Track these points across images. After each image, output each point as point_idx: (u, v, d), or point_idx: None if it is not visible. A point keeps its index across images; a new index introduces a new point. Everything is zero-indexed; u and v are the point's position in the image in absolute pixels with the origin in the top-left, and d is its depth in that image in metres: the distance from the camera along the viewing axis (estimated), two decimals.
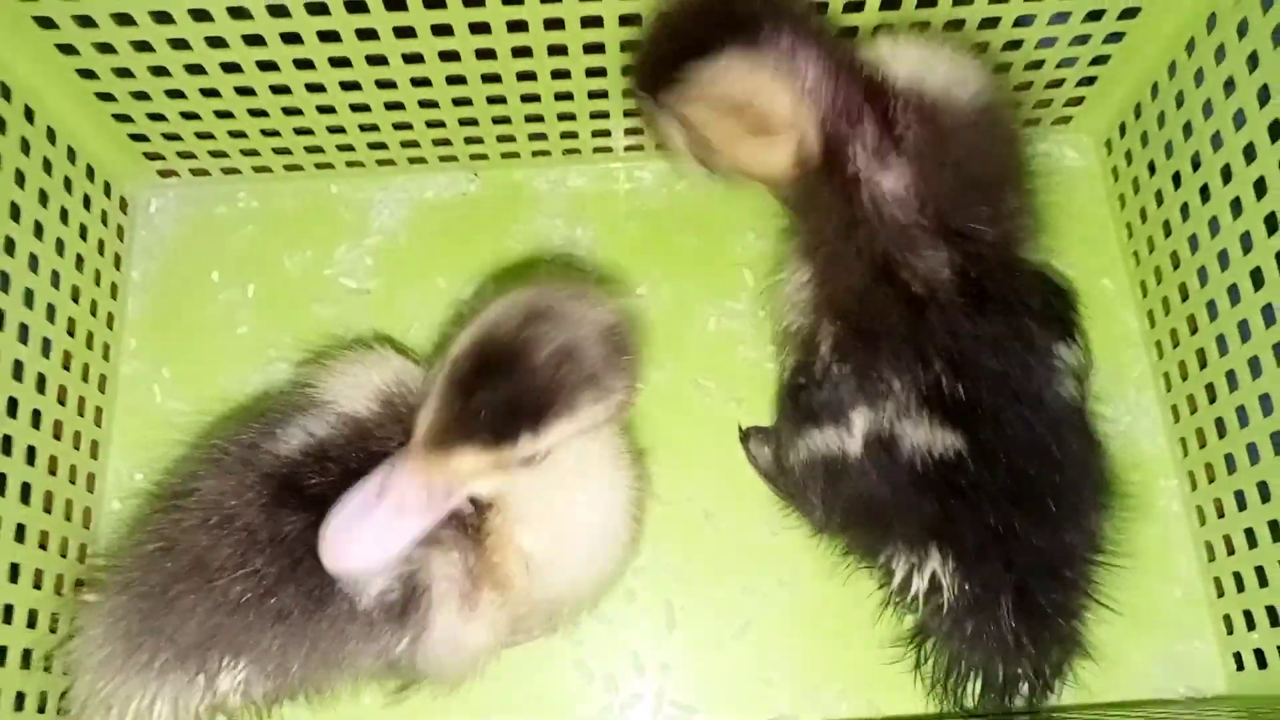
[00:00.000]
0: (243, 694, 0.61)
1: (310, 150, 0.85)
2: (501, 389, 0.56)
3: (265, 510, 0.61)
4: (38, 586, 0.71)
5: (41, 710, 0.70)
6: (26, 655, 0.69)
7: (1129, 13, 0.76)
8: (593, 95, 0.80)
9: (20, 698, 0.68)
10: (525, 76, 0.77)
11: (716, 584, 0.77)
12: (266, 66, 0.74)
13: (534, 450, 0.58)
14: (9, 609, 0.68)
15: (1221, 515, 0.75)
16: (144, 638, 0.61)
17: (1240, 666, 0.74)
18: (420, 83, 0.77)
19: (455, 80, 0.77)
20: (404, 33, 0.72)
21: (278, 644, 0.60)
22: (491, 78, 0.77)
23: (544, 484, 0.61)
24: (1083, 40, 0.79)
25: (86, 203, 0.81)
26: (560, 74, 0.77)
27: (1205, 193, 0.74)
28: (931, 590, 0.68)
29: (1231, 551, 0.74)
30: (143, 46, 0.72)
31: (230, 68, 0.74)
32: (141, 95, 0.77)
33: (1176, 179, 0.78)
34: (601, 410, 0.60)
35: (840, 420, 0.67)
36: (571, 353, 0.58)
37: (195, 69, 0.74)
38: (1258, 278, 0.69)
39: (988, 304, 0.66)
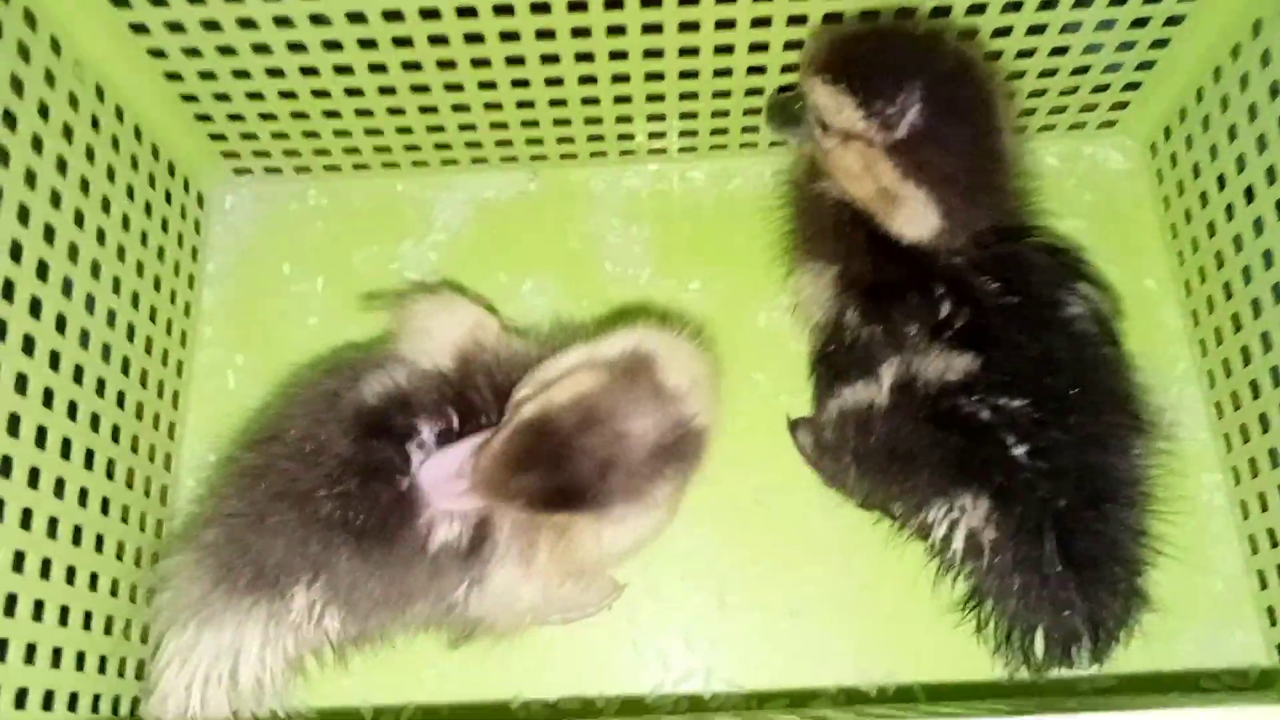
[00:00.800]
0: (317, 616, 0.66)
1: (379, 150, 0.89)
2: (542, 480, 0.62)
3: (355, 443, 0.67)
4: (119, 557, 0.75)
5: (121, 675, 0.74)
6: (109, 621, 0.73)
7: (1174, 20, 0.78)
8: (650, 98, 0.83)
9: (103, 661, 0.72)
10: (586, 80, 0.80)
11: (766, 565, 0.80)
12: (342, 70, 0.78)
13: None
14: (94, 576, 0.72)
15: (1265, 509, 0.76)
16: (232, 562, 0.66)
17: None
18: (487, 85, 0.80)
19: (519, 83, 0.80)
20: (473, 39, 0.75)
21: (351, 565, 0.65)
22: (554, 81, 0.80)
23: None
24: (1128, 47, 0.81)
25: (168, 198, 0.86)
26: (620, 78, 0.80)
27: (1250, 194, 0.76)
28: (972, 543, 0.69)
29: (1275, 544, 0.75)
30: (227, 50, 0.76)
31: (308, 71, 0.78)
32: (223, 96, 0.81)
33: (1221, 181, 0.79)
34: (635, 511, 0.65)
35: (870, 375, 0.71)
36: (615, 466, 0.62)
37: (275, 72, 0.78)
38: None
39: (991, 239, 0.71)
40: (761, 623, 0.79)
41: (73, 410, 0.71)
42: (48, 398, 0.68)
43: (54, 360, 0.69)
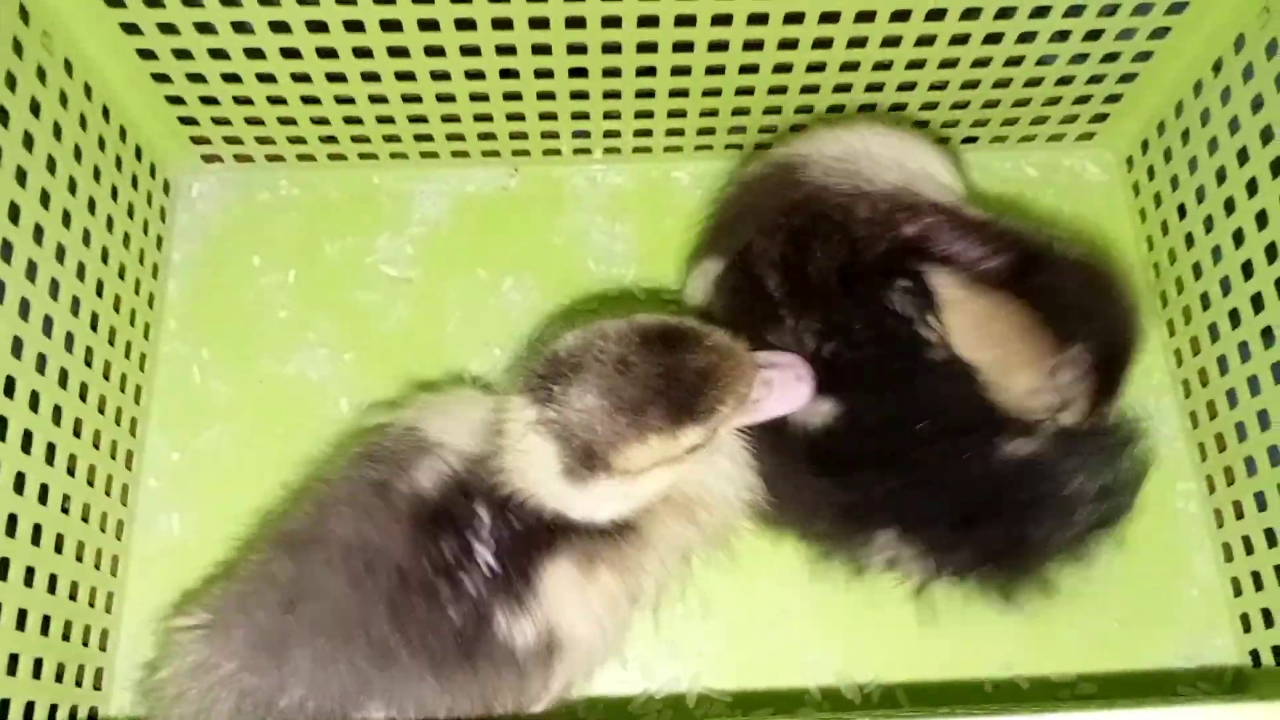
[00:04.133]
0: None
1: (357, 140, 0.86)
2: None
3: (416, 544, 0.60)
4: (79, 559, 0.71)
5: (79, 684, 0.70)
6: (67, 626, 0.69)
7: (1159, 32, 0.79)
8: (640, 95, 0.82)
9: (60, 669, 0.68)
10: (577, 73, 0.79)
11: (751, 573, 0.78)
12: (326, 54, 0.75)
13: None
14: (53, 579, 0.68)
15: (1240, 517, 0.78)
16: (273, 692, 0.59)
17: (1257, 663, 0.76)
18: (474, 75, 0.78)
19: (509, 74, 0.78)
20: (464, 25, 0.73)
21: (434, 691, 0.59)
22: (544, 73, 0.79)
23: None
24: (1113, 58, 0.82)
25: (134, 182, 0.82)
26: (611, 72, 0.79)
27: (1230, 206, 0.77)
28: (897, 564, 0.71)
29: (1250, 551, 0.76)
30: (206, 28, 0.73)
31: (290, 54, 0.75)
32: (197, 77, 0.78)
33: (1200, 193, 0.81)
34: None
35: None
36: None
37: (255, 53, 0.75)
38: None
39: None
40: (746, 632, 0.77)
41: (35, 402, 0.67)
42: (9, 387, 0.64)
43: (16, 347, 0.65)
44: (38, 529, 0.66)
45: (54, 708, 0.67)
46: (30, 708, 0.65)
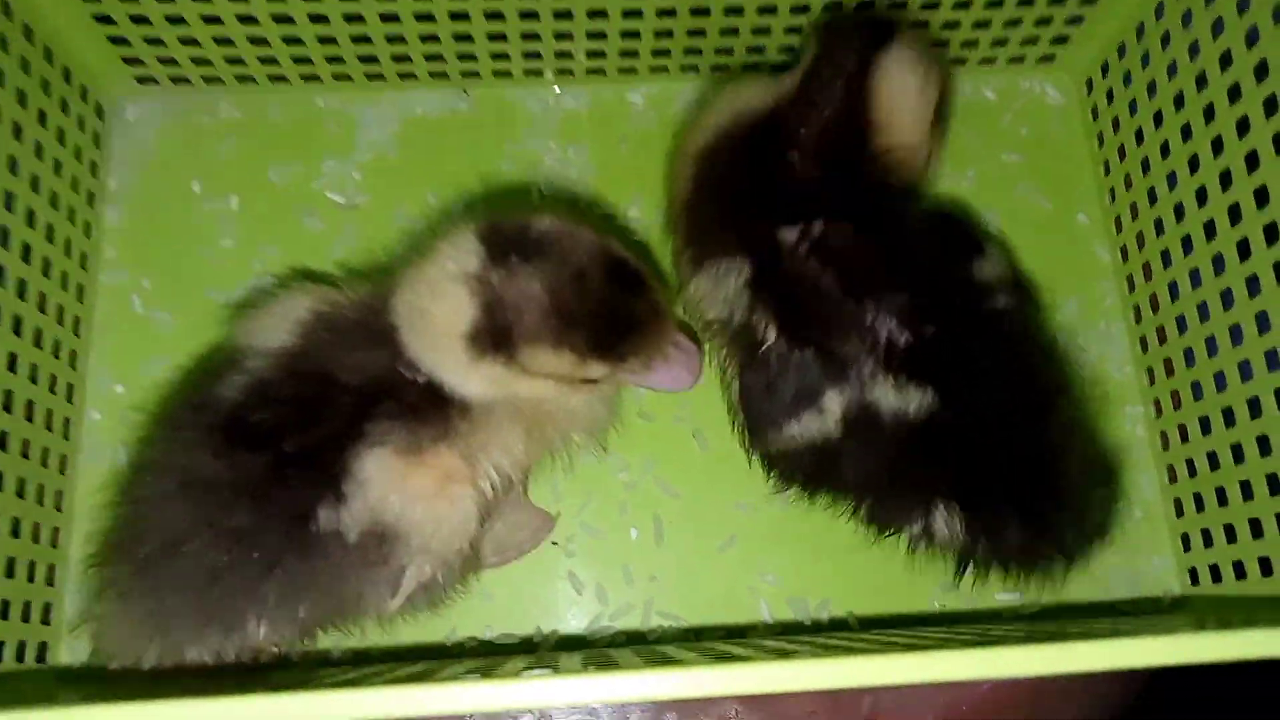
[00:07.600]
0: (265, 638, 0.62)
1: (298, 61, 0.83)
2: None
3: (220, 459, 0.61)
4: (20, 495, 0.70)
5: (26, 620, 0.70)
6: (11, 564, 0.68)
7: None
8: (592, 14, 0.79)
9: (5, 606, 0.67)
10: None
11: (703, 499, 0.79)
12: None
13: None
14: None
15: (1185, 440, 0.79)
16: (156, 618, 0.61)
17: (1195, 581, 0.78)
18: None
19: None
20: None
21: (277, 595, 0.60)
22: None
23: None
24: None
25: (64, 107, 0.78)
26: None
27: (1187, 131, 0.76)
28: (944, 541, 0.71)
29: (1193, 474, 0.78)
30: None
31: None
32: None
33: (1158, 118, 0.80)
34: None
35: (814, 408, 0.69)
36: None
37: None
38: (1235, 213, 0.72)
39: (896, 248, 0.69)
40: (698, 557, 0.78)
41: None
42: None
43: None
44: None
45: (0, 644, 0.67)
46: None
